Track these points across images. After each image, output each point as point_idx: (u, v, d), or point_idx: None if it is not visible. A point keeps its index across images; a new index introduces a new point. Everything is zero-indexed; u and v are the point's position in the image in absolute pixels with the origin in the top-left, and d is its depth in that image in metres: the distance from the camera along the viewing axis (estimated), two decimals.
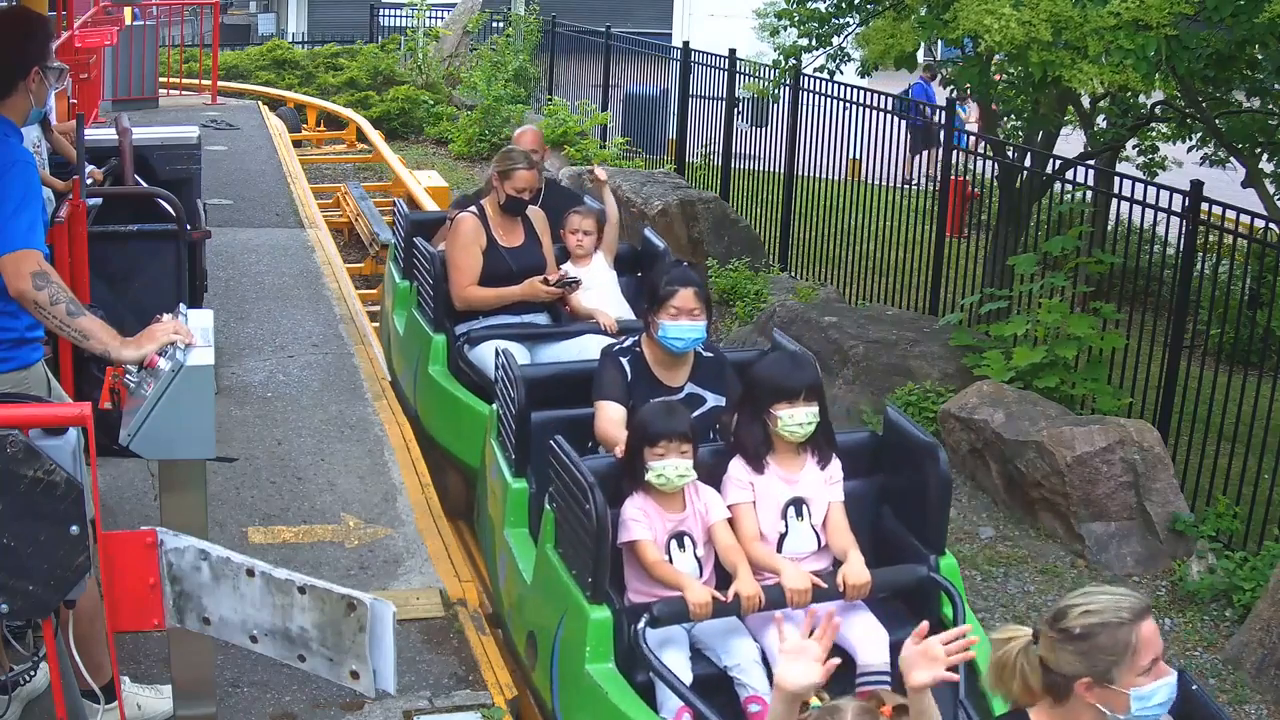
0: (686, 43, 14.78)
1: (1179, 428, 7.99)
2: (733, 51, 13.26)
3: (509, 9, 20.52)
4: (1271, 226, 7.93)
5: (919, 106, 13.42)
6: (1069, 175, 9.82)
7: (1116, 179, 8.72)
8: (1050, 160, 10.10)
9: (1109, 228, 9.94)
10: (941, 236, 10.21)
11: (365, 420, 6.94)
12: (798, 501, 4.44)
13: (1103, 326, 8.38)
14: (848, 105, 11.29)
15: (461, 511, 6.39)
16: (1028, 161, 10.61)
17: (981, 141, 10.67)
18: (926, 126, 14.10)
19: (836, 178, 11.63)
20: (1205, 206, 7.67)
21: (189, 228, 6.26)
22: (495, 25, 20.27)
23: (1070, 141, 12.27)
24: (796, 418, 4.36)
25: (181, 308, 3.60)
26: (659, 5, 25.34)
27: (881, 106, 10.82)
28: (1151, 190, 8.14)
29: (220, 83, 16.36)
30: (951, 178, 10.24)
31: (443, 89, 18.76)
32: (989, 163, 10.73)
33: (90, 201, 5.48)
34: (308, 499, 6.01)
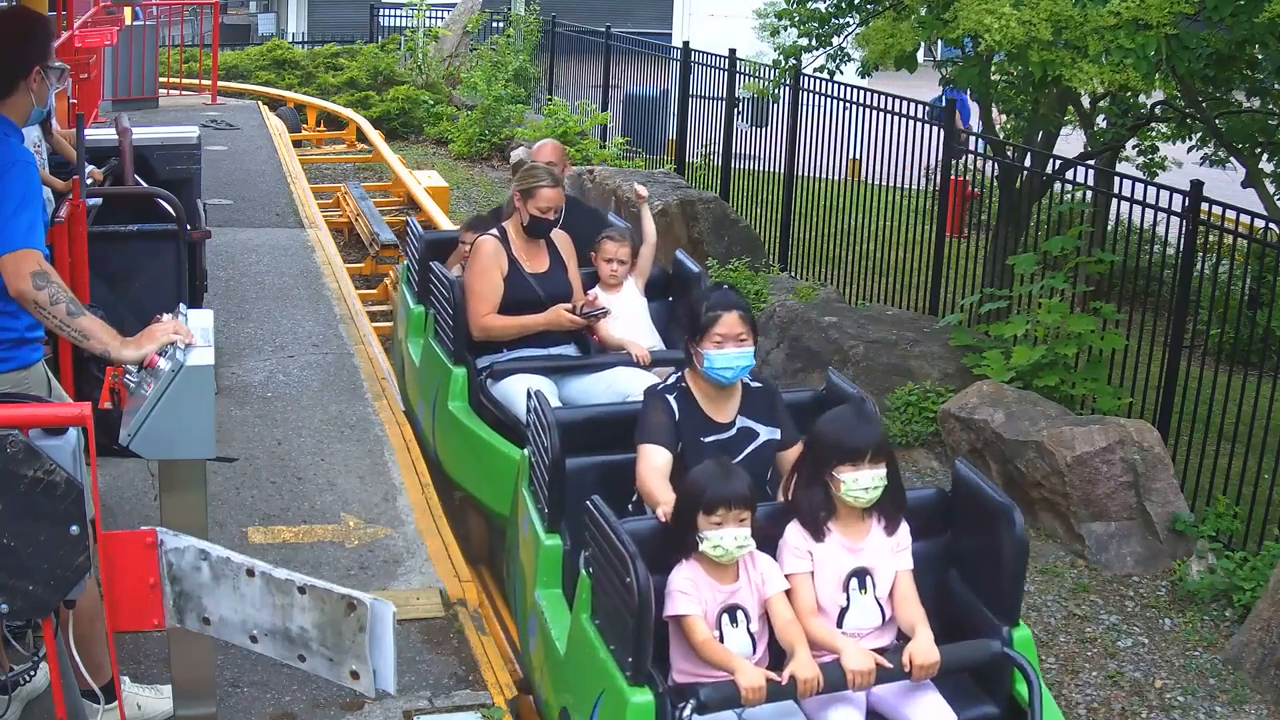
0: (686, 43, 14.78)
1: (1179, 428, 7.99)
2: (733, 51, 13.26)
3: (509, 9, 20.52)
4: (1271, 226, 7.92)
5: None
6: (1069, 175, 9.82)
7: (1116, 179, 8.72)
8: (1050, 160, 10.10)
9: (1109, 228, 9.94)
10: (941, 236, 10.21)
11: (365, 420, 6.94)
12: (861, 573, 4.05)
13: (1103, 326, 8.38)
14: (848, 105, 11.29)
15: (485, 559, 6.11)
16: (1028, 161, 10.61)
17: (981, 141, 10.67)
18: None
19: (836, 178, 11.63)
20: (1205, 206, 7.67)
21: (189, 228, 6.26)
22: (495, 25, 20.28)
23: (1070, 141, 12.27)
24: (861, 481, 3.96)
25: (181, 308, 3.59)
26: (659, 5, 25.35)
27: (881, 106, 10.81)
28: (1151, 190, 8.15)
29: (220, 83, 16.37)
30: (951, 178, 10.24)
31: (443, 89, 18.76)
32: (989, 163, 10.72)
33: (90, 201, 5.48)
34: (308, 499, 6.01)
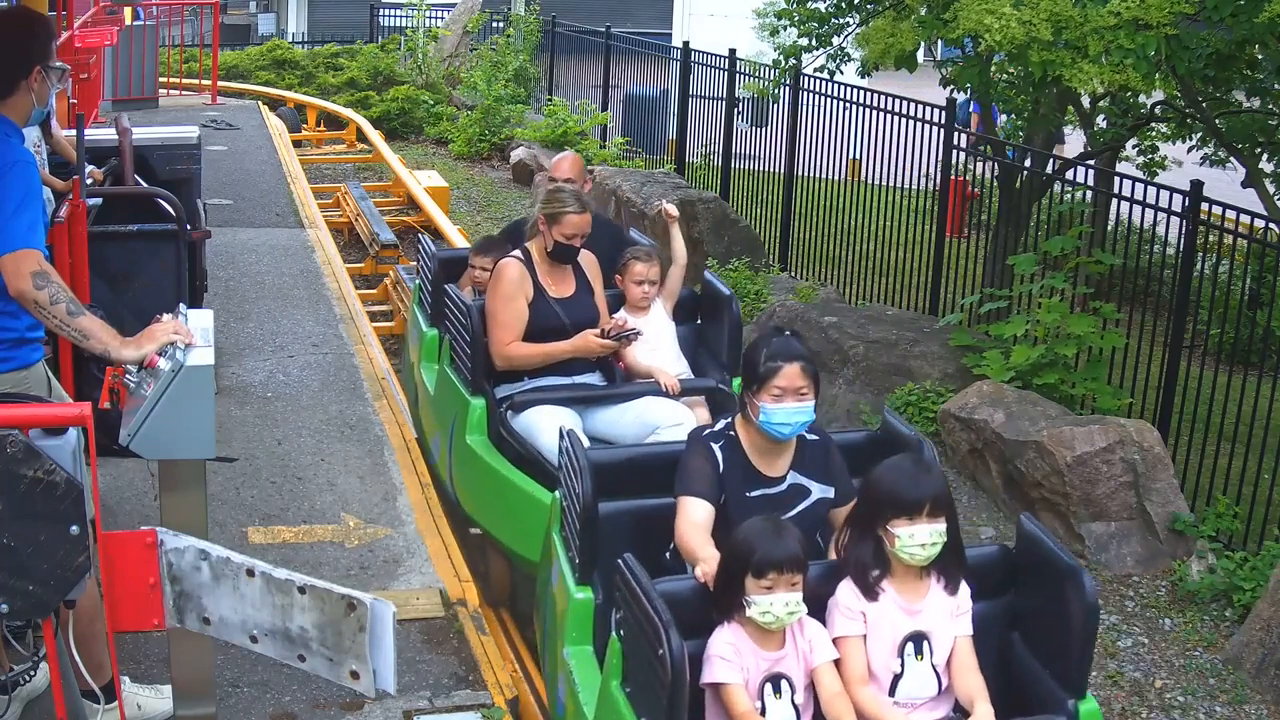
0: (686, 43, 14.78)
1: (1179, 428, 7.99)
2: (733, 51, 13.26)
3: (509, 9, 20.54)
4: (1271, 226, 7.92)
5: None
6: (1069, 175, 9.82)
7: (1116, 179, 8.73)
8: (1050, 160, 10.10)
9: (1109, 228, 9.94)
10: (941, 236, 10.22)
11: (365, 420, 6.94)
12: (917, 637, 3.72)
13: (1102, 326, 8.38)
14: (848, 105, 11.29)
15: (505, 602, 5.81)
16: (1028, 161, 10.61)
17: (982, 141, 10.67)
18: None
19: (836, 178, 11.63)
20: (1205, 206, 7.67)
21: (189, 228, 6.26)
22: (495, 25, 20.28)
23: (1070, 141, 12.27)
24: (919, 537, 3.65)
25: (181, 308, 3.59)
26: (659, 5, 25.37)
27: (881, 106, 10.82)
28: (1151, 190, 8.15)
29: (220, 83, 16.37)
30: (951, 178, 10.24)
31: (443, 89, 18.77)
32: (989, 163, 10.73)
33: (90, 201, 5.48)
34: (308, 499, 6.01)
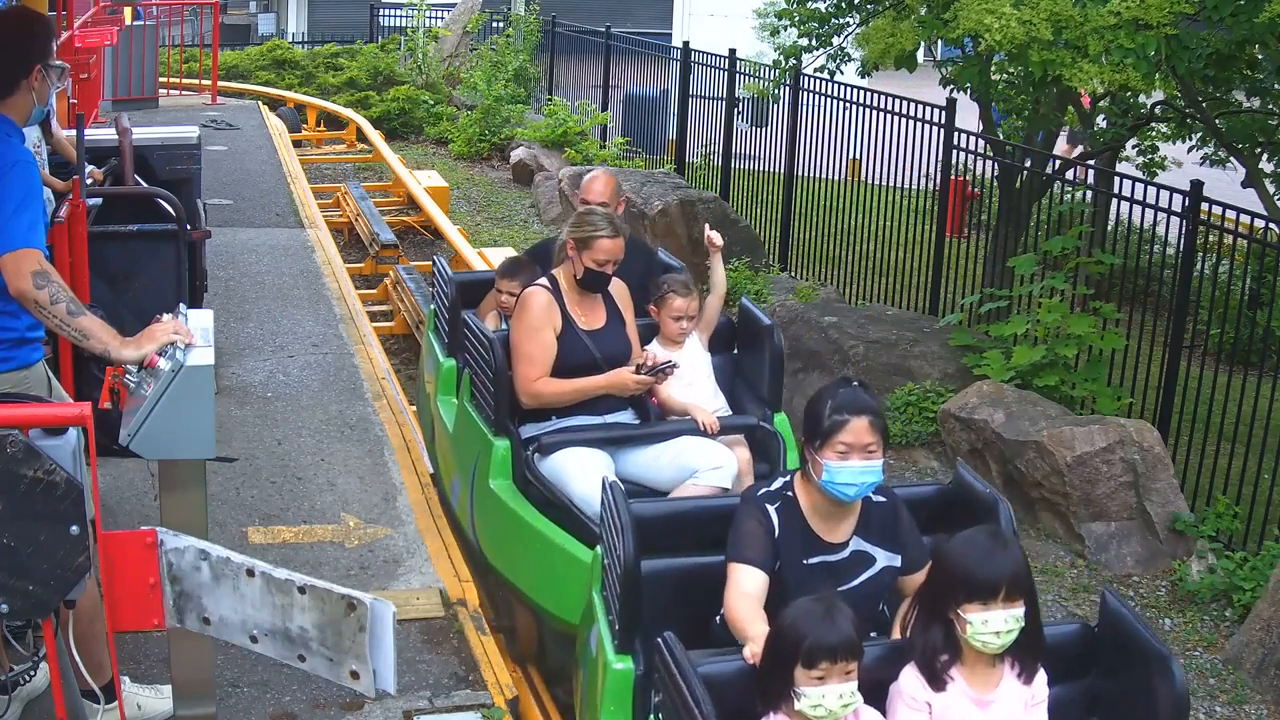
0: (686, 43, 14.78)
1: (1179, 428, 7.99)
2: (733, 51, 13.26)
3: (509, 9, 20.52)
4: (1271, 226, 7.93)
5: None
6: (1069, 175, 9.82)
7: (1116, 179, 8.73)
8: (1050, 160, 10.10)
9: (1109, 228, 9.94)
10: (941, 236, 10.22)
11: (365, 420, 6.94)
12: None
13: (1102, 326, 8.38)
14: (848, 105, 11.29)
15: (532, 658, 5.42)
16: (1028, 162, 10.61)
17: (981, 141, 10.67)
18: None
19: (836, 178, 11.63)
20: (1205, 206, 7.67)
21: (189, 228, 6.26)
22: (495, 25, 20.28)
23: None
24: (993, 624, 3.28)
25: (181, 308, 3.59)
26: (659, 5, 25.36)
27: (881, 106, 10.82)
28: (1151, 190, 8.15)
29: (220, 83, 16.37)
30: (951, 178, 10.24)
31: (443, 89, 18.76)
32: (989, 163, 10.73)
33: (90, 201, 5.48)
34: (308, 499, 6.01)
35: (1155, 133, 11.79)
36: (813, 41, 10.72)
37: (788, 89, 11.77)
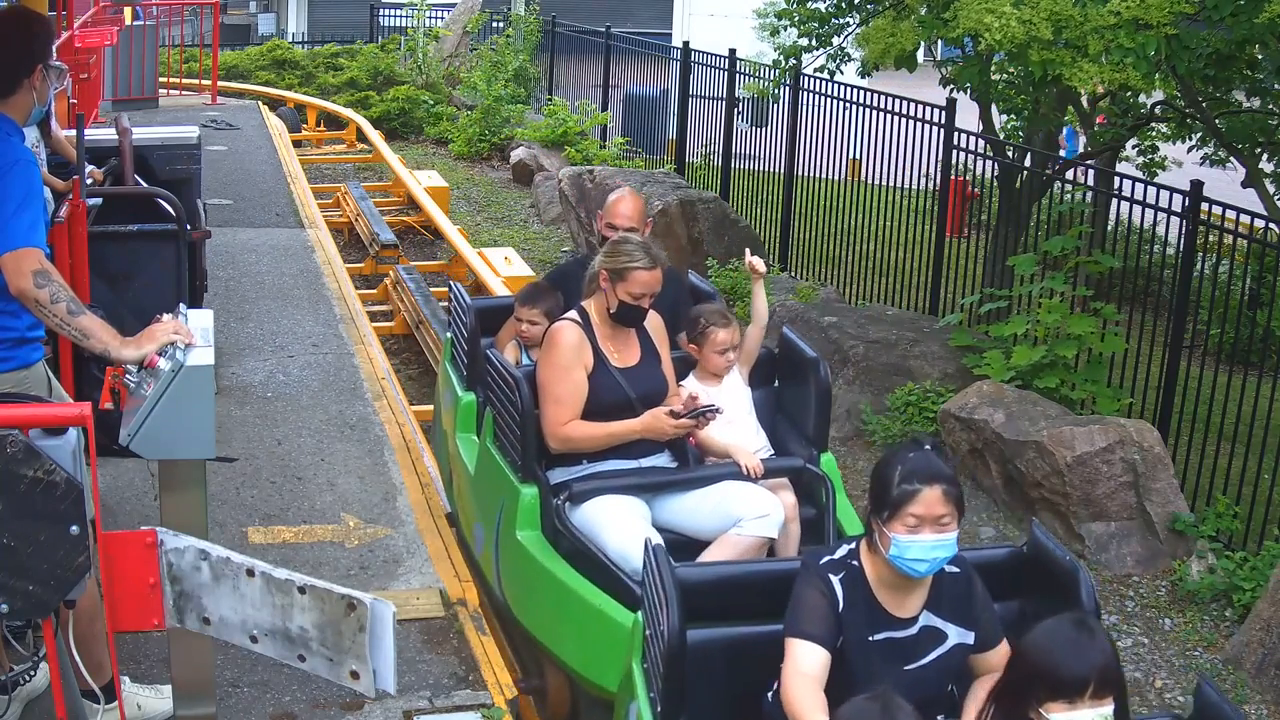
0: (686, 43, 14.78)
1: (1179, 428, 7.99)
2: (733, 51, 13.26)
3: (509, 9, 20.53)
4: (1271, 226, 7.93)
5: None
6: (1069, 175, 9.82)
7: (1116, 179, 8.73)
8: (1050, 160, 10.10)
9: (1109, 228, 9.94)
10: (941, 236, 10.22)
11: (365, 420, 6.94)
12: None
13: (1102, 327, 8.38)
14: (848, 105, 11.29)
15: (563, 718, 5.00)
16: (1028, 161, 10.61)
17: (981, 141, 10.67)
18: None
19: (836, 178, 11.63)
20: (1205, 206, 7.67)
21: (189, 228, 6.26)
22: (495, 25, 20.28)
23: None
24: None
25: (181, 308, 3.59)
26: (659, 5, 25.37)
27: (881, 106, 10.82)
28: (1151, 190, 8.15)
29: (220, 83, 16.37)
30: (951, 178, 10.25)
31: (443, 89, 18.77)
32: (989, 163, 10.73)
33: (90, 201, 5.48)
34: (308, 499, 6.01)
35: (1155, 133, 11.79)
36: (813, 41, 10.71)
37: (788, 89, 11.77)
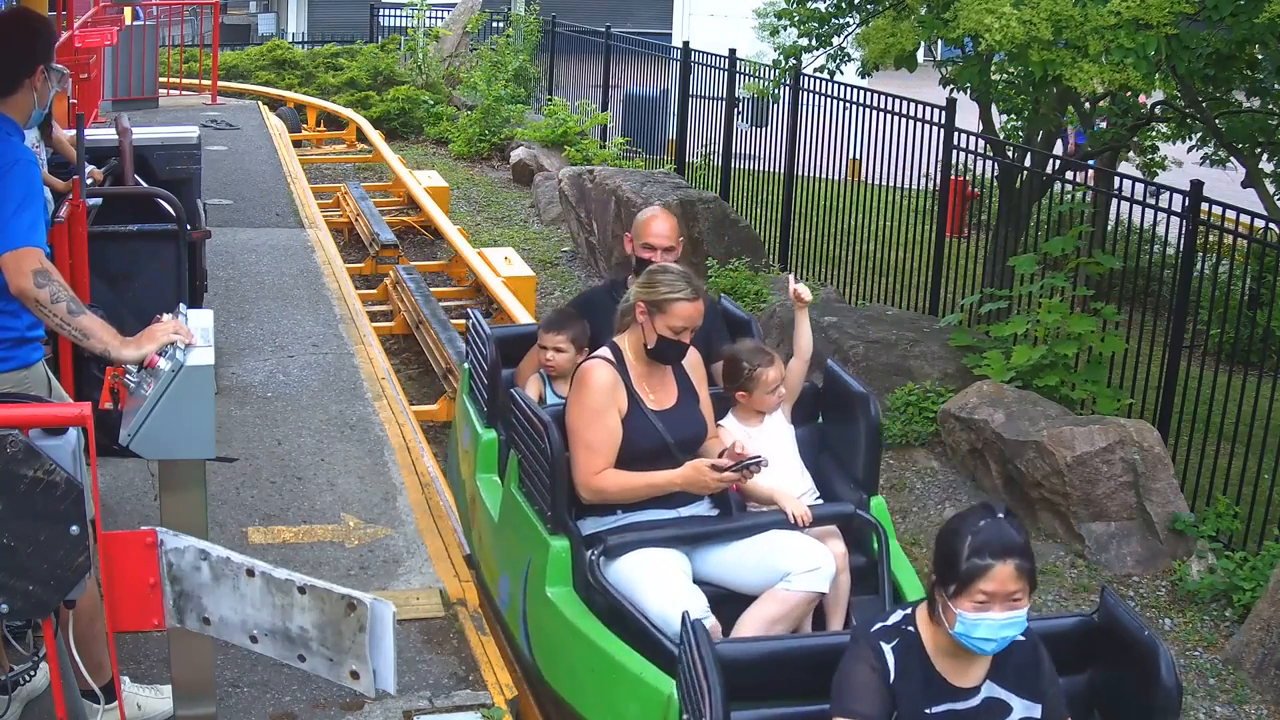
0: (686, 43, 14.78)
1: (1179, 428, 7.99)
2: (733, 51, 13.26)
3: (509, 9, 20.54)
4: (1271, 226, 7.93)
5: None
6: (1069, 175, 9.83)
7: (1116, 179, 8.73)
8: (1050, 160, 10.10)
9: (1109, 228, 9.94)
10: (941, 236, 10.22)
11: (365, 420, 6.94)
12: None
13: (1102, 328, 8.38)
14: (848, 105, 11.30)
15: None
16: (1028, 161, 10.61)
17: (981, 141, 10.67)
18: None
19: (836, 178, 11.63)
20: (1205, 206, 7.68)
21: (189, 228, 6.26)
22: (495, 25, 20.29)
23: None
24: None
25: (181, 308, 3.59)
26: (659, 5, 25.38)
27: (881, 106, 10.82)
28: (1151, 190, 8.15)
29: (220, 83, 16.37)
30: (951, 178, 10.25)
31: (443, 89, 18.78)
32: (989, 163, 10.73)
33: (90, 201, 5.48)
34: (308, 499, 6.01)
35: (1155, 133, 11.79)
36: (813, 41, 10.72)
37: (788, 89, 11.77)
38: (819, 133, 11.74)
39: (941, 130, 10.05)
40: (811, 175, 12.02)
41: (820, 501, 4.66)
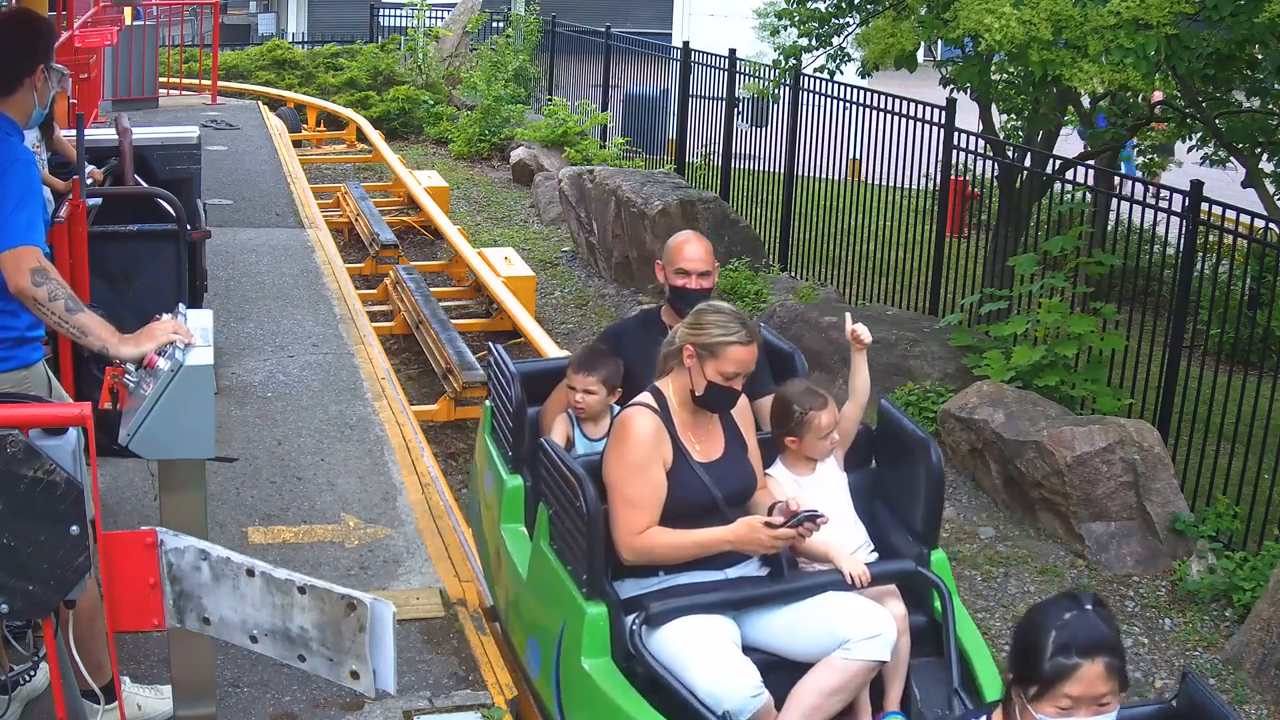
0: (686, 43, 14.78)
1: (1179, 428, 7.99)
2: (733, 51, 13.26)
3: (509, 9, 20.54)
4: (1271, 226, 7.93)
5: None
6: (1069, 175, 9.82)
7: (1116, 179, 8.72)
8: (1050, 160, 10.10)
9: (1109, 228, 9.94)
10: (941, 236, 10.22)
11: (365, 420, 6.94)
12: None
13: (1102, 327, 8.38)
14: (848, 105, 11.30)
15: None
16: (1028, 161, 10.61)
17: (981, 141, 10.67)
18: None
19: (836, 178, 11.63)
20: (1205, 206, 7.68)
21: (189, 228, 6.26)
22: (495, 25, 20.30)
23: (1070, 141, 12.26)
24: None
25: (181, 308, 3.59)
26: (659, 5, 25.37)
27: (881, 106, 10.82)
28: (1151, 190, 8.15)
29: (220, 83, 16.37)
30: (951, 178, 10.25)
31: (443, 89, 18.78)
32: (989, 163, 10.73)
33: (90, 201, 5.48)
34: (308, 499, 6.01)
35: (1155, 133, 11.78)
36: (813, 41, 10.71)
37: (788, 89, 11.77)
38: (819, 133, 11.75)
39: (941, 130, 10.05)
40: (811, 175, 12.02)
41: (876, 557, 4.34)
